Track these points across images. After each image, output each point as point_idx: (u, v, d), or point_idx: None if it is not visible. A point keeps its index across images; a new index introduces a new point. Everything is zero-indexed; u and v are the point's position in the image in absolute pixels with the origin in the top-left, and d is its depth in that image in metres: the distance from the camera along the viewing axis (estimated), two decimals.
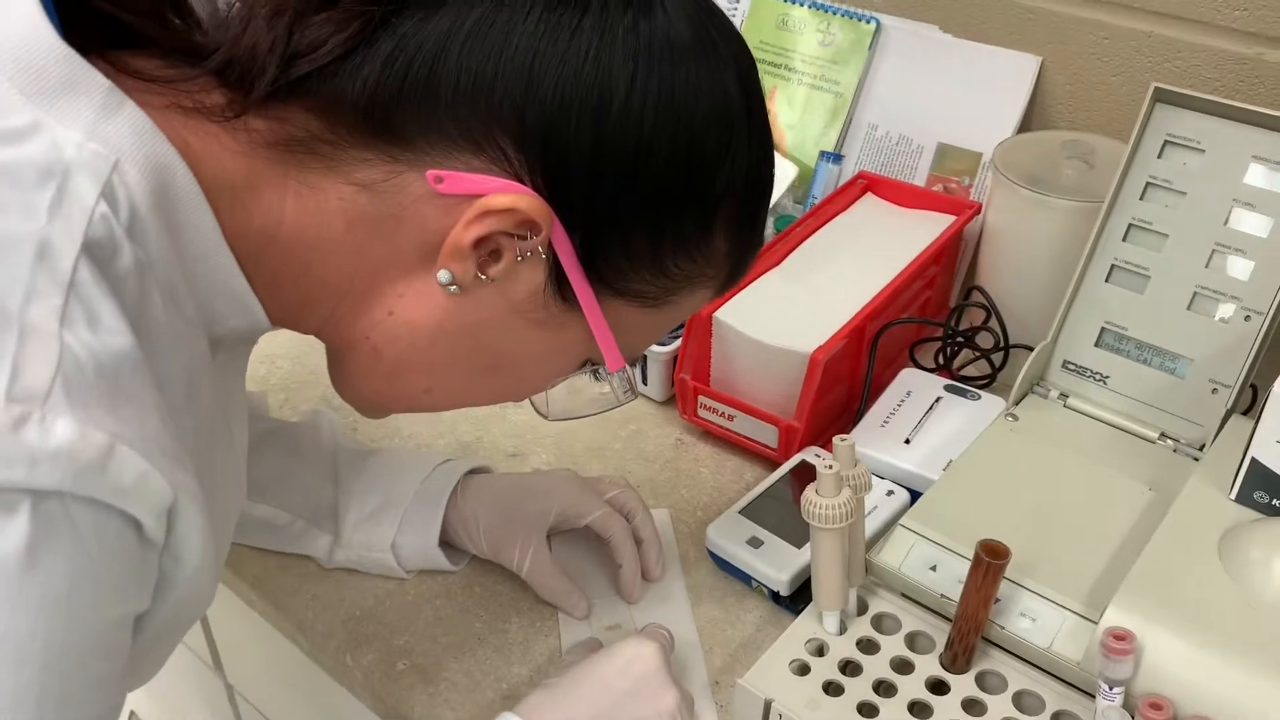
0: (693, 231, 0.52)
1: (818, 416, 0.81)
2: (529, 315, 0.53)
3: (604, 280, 0.52)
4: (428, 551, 0.73)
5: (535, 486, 0.75)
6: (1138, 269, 0.76)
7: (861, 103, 1.04)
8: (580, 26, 0.47)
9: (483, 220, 0.48)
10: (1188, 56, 0.87)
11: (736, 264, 0.56)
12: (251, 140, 0.48)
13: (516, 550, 0.72)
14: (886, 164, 1.03)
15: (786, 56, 1.08)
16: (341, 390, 0.59)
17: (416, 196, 0.49)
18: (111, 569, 0.42)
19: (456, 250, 0.49)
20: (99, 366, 0.40)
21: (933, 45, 1.00)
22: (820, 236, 0.93)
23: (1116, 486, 0.71)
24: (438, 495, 0.74)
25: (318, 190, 0.49)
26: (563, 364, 0.57)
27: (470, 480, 0.75)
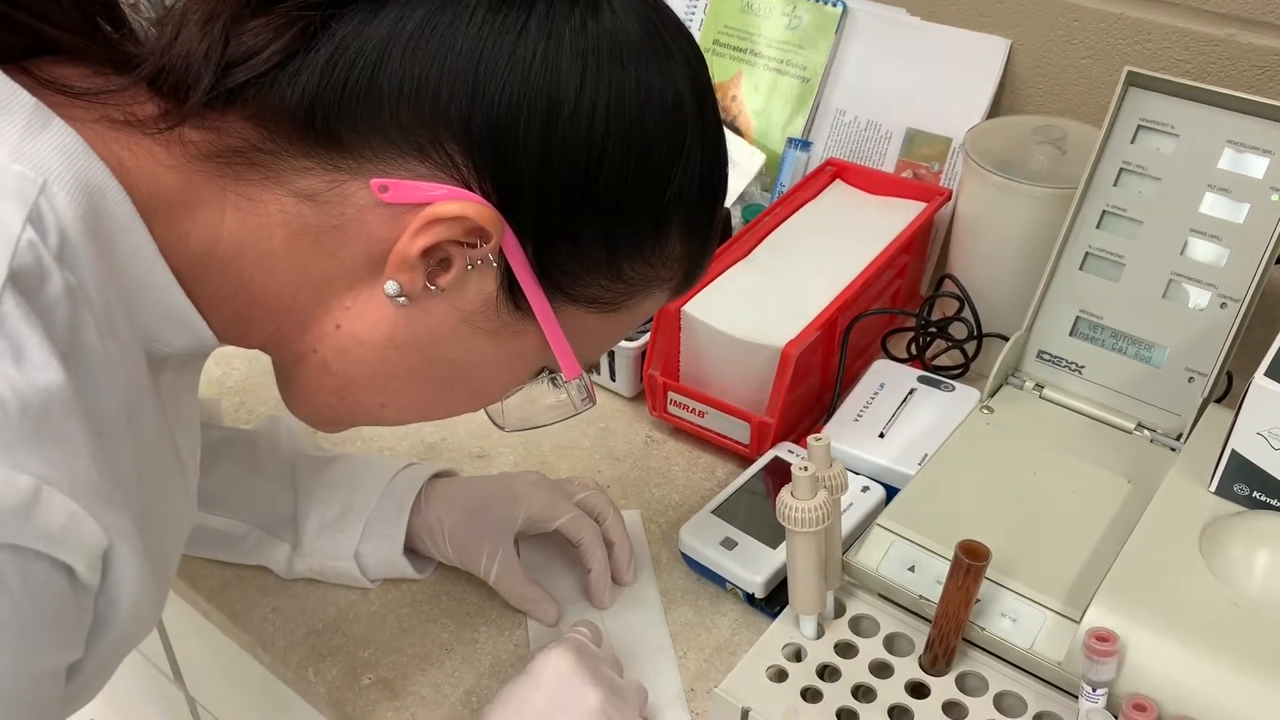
0: (648, 235, 0.51)
1: (790, 411, 0.79)
2: (481, 325, 0.51)
3: (558, 287, 0.50)
4: (392, 560, 0.71)
5: (502, 490, 0.73)
6: (1112, 256, 0.75)
7: (829, 87, 1.03)
8: (526, 28, 0.45)
9: (430, 229, 0.46)
10: (1159, 38, 0.85)
11: (693, 265, 0.55)
12: (187, 153, 0.45)
13: (484, 557, 0.70)
14: (855, 150, 1.02)
15: (752, 41, 1.06)
16: (293, 407, 0.56)
17: (361, 206, 0.46)
18: (41, 619, 0.39)
19: (404, 261, 0.47)
20: (24, 405, 0.37)
21: (900, 28, 0.98)
22: (789, 226, 0.91)
23: (1094, 479, 0.69)
24: (401, 501, 0.71)
25: (258, 203, 0.46)
26: (518, 373, 0.55)
27: (435, 485, 0.73)
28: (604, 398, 0.89)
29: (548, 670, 0.60)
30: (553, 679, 0.60)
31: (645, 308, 0.55)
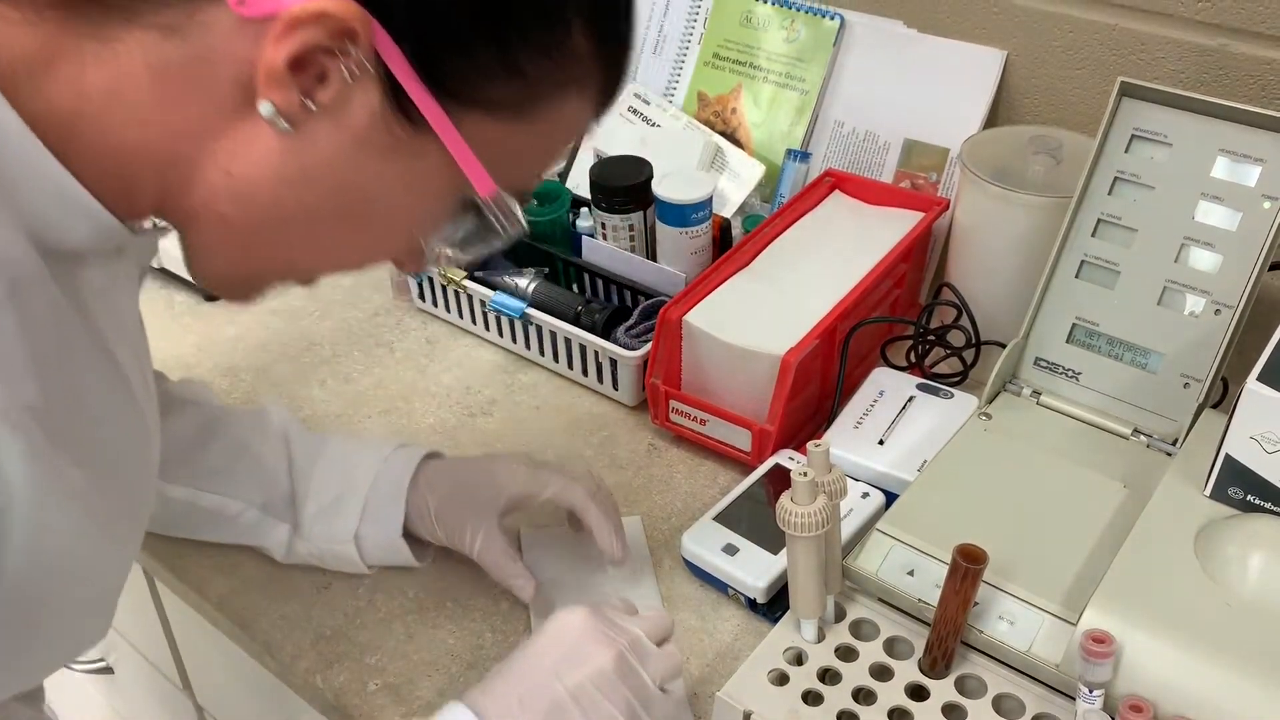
0: (536, 23, 0.47)
1: (790, 419, 0.80)
2: (375, 145, 0.47)
3: (449, 91, 0.46)
4: (392, 543, 0.71)
5: (489, 468, 0.73)
6: (1107, 264, 0.76)
7: (827, 99, 1.04)
8: None
9: (292, 34, 0.43)
10: (1153, 49, 0.86)
11: (607, 66, 0.50)
12: (35, 5, 0.43)
13: (468, 533, 0.70)
14: (854, 161, 1.03)
15: (751, 54, 1.07)
16: (200, 273, 0.53)
17: (224, 32, 0.44)
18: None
19: (272, 75, 0.44)
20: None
21: (898, 41, 1.00)
22: (789, 236, 0.92)
23: (1091, 484, 0.70)
24: (398, 483, 0.71)
25: (117, 46, 0.44)
26: (431, 200, 0.51)
27: (426, 465, 0.73)
28: (606, 406, 0.90)
29: (566, 628, 0.59)
30: (570, 636, 0.59)
31: (562, 116, 0.50)
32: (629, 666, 0.58)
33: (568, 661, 0.58)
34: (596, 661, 0.58)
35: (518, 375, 0.94)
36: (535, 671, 0.58)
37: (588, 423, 0.88)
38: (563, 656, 0.58)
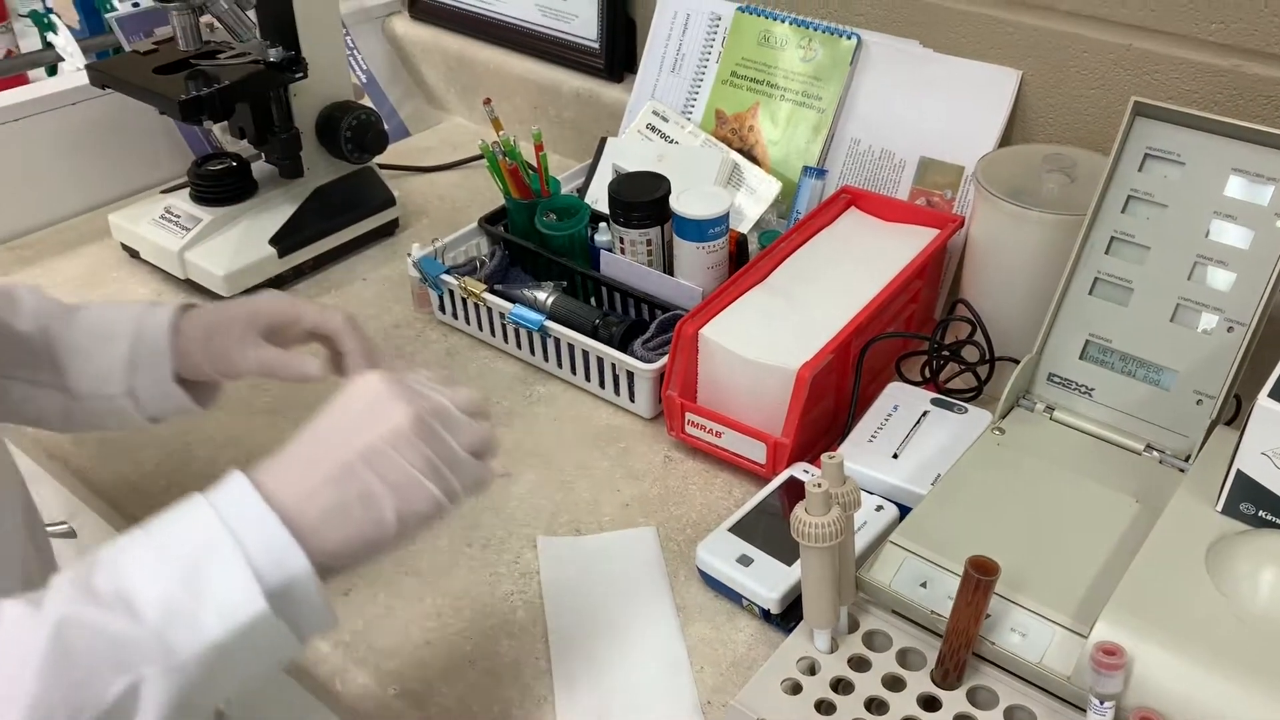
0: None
1: (805, 432, 0.81)
2: None
3: None
4: (164, 389, 0.72)
5: (247, 302, 0.74)
6: (1121, 281, 0.77)
7: (844, 118, 1.05)
8: None
9: None
10: (1167, 69, 0.87)
11: None
12: None
13: (236, 354, 0.71)
14: (870, 178, 1.04)
15: (769, 73, 1.08)
16: None
17: None
18: None
19: None
20: None
21: (913, 60, 1.01)
22: (805, 252, 0.93)
23: (1103, 499, 0.71)
24: (159, 329, 0.72)
25: None
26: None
27: (186, 313, 0.74)
28: (623, 418, 0.91)
29: (362, 388, 0.57)
30: (367, 397, 0.57)
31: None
32: (429, 428, 0.56)
33: (361, 423, 0.56)
34: (392, 421, 0.56)
35: (535, 387, 0.95)
36: (325, 436, 0.56)
37: (605, 434, 0.89)
38: (355, 419, 0.56)
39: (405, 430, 0.56)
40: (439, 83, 1.41)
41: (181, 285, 1.06)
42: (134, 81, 1.00)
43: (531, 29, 1.29)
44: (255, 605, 0.52)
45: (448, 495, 0.57)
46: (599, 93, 1.24)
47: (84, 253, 1.13)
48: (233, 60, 1.03)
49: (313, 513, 0.54)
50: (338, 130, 1.08)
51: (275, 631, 0.53)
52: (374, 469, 0.55)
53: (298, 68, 1.02)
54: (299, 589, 0.53)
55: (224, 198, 1.06)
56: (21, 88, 1.23)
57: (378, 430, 0.55)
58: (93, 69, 1.03)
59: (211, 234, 1.04)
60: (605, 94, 1.23)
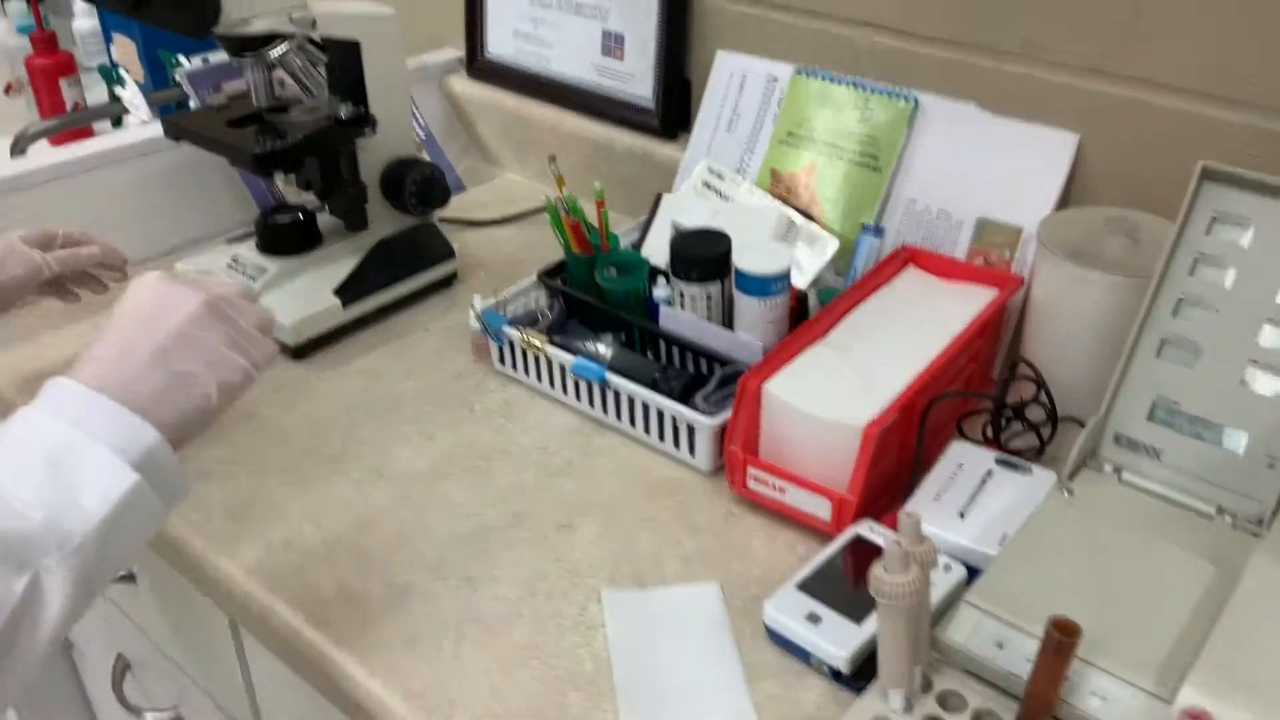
0: None
1: (870, 489, 0.81)
2: None
3: None
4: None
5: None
6: (1188, 343, 0.77)
7: (900, 178, 1.06)
8: None
9: None
10: (1228, 133, 0.88)
11: None
12: None
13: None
14: (927, 237, 1.05)
15: (825, 133, 1.10)
16: None
17: None
18: None
19: None
20: None
21: (971, 122, 1.02)
22: (865, 308, 0.94)
23: (1178, 562, 0.70)
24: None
25: None
26: None
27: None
28: (683, 471, 0.91)
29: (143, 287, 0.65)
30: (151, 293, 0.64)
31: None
32: (219, 309, 0.65)
33: (158, 315, 0.63)
34: (186, 308, 0.64)
35: (594, 438, 0.95)
36: (127, 332, 0.63)
37: (664, 487, 0.89)
38: (151, 313, 0.64)
39: (202, 314, 0.64)
40: (494, 139, 1.44)
41: None
42: (209, 134, 1.03)
43: (588, 88, 1.32)
44: (128, 479, 0.60)
45: (253, 366, 0.66)
46: (653, 150, 1.26)
47: None
48: (304, 116, 1.05)
49: (144, 394, 0.62)
50: (403, 185, 1.10)
51: (148, 500, 0.61)
52: (186, 350, 0.63)
53: (367, 124, 1.05)
54: (157, 457, 0.61)
55: (290, 248, 1.08)
56: (89, 140, 1.27)
57: (176, 319, 0.64)
58: (168, 122, 1.06)
59: (277, 284, 1.06)
60: (659, 152, 1.26)
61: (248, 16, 0.95)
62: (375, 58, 1.07)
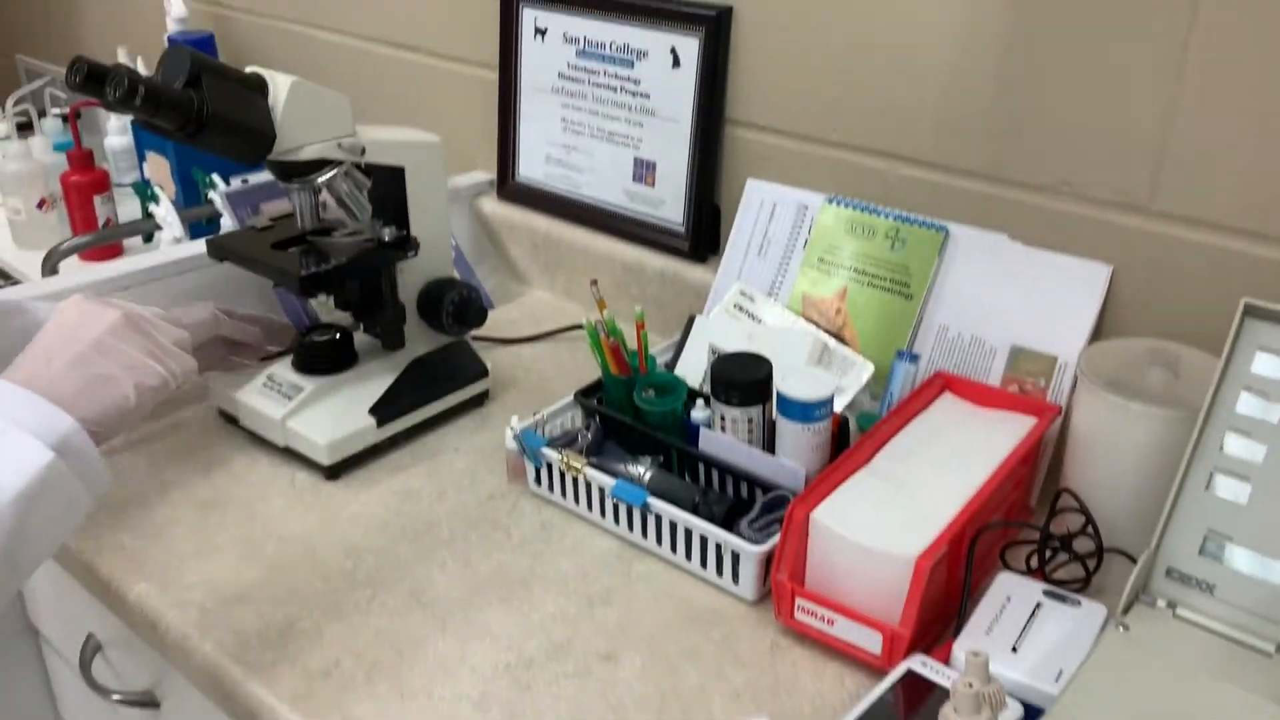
0: None
1: (921, 622, 0.80)
2: None
3: None
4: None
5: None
6: (1239, 476, 0.77)
7: (932, 304, 1.08)
8: None
9: None
10: (1266, 269, 0.90)
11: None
12: None
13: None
14: (960, 364, 1.06)
15: (857, 260, 1.12)
16: None
17: None
18: None
19: None
20: None
21: (1002, 252, 1.04)
22: (905, 435, 0.94)
23: (1241, 703, 0.69)
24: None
25: None
26: None
27: None
28: (725, 600, 0.90)
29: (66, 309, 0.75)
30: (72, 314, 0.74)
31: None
32: (137, 323, 0.76)
33: (80, 328, 0.74)
34: (105, 321, 0.74)
35: (633, 564, 0.94)
36: (51, 343, 0.73)
37: (708, 616, 0.88)
38: (73, 327, 0.74)
39: (120, 327, 0.75)
40: (523, 258, 1.46)
41: (279, 452, 1.07)
42: (253, 256, 1.04)
43: (619, 211, 1.35)
44: (43, 456, 0.67)
45: (170, 375, 0.77)
46: (683, 272, 1.28)
47: (179, 416, 1.15)
48: (346, 238, 1.07)
49: (64, 390, 0.71)
50: (440, 305, 1.11)
51: (66, 482, 0.69)
52: (106, 356, 0.73)
53: (409, 247, 1.07)
54: (75, 443, 0.70)
55: (326, 368, 1.08)
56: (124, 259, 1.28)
57: (97, 330, 0.74)
58: (212, 243, 1.07)
59: (313, 402, 1.06)
60: (689, 274, 1.28)
61: (300, 144, 0.97)
62: (418, 182, 1.09)
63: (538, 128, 1.41)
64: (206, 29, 1.79)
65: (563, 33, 1.34)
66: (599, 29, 1.31)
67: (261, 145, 0.94)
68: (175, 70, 0.90)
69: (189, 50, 0.91)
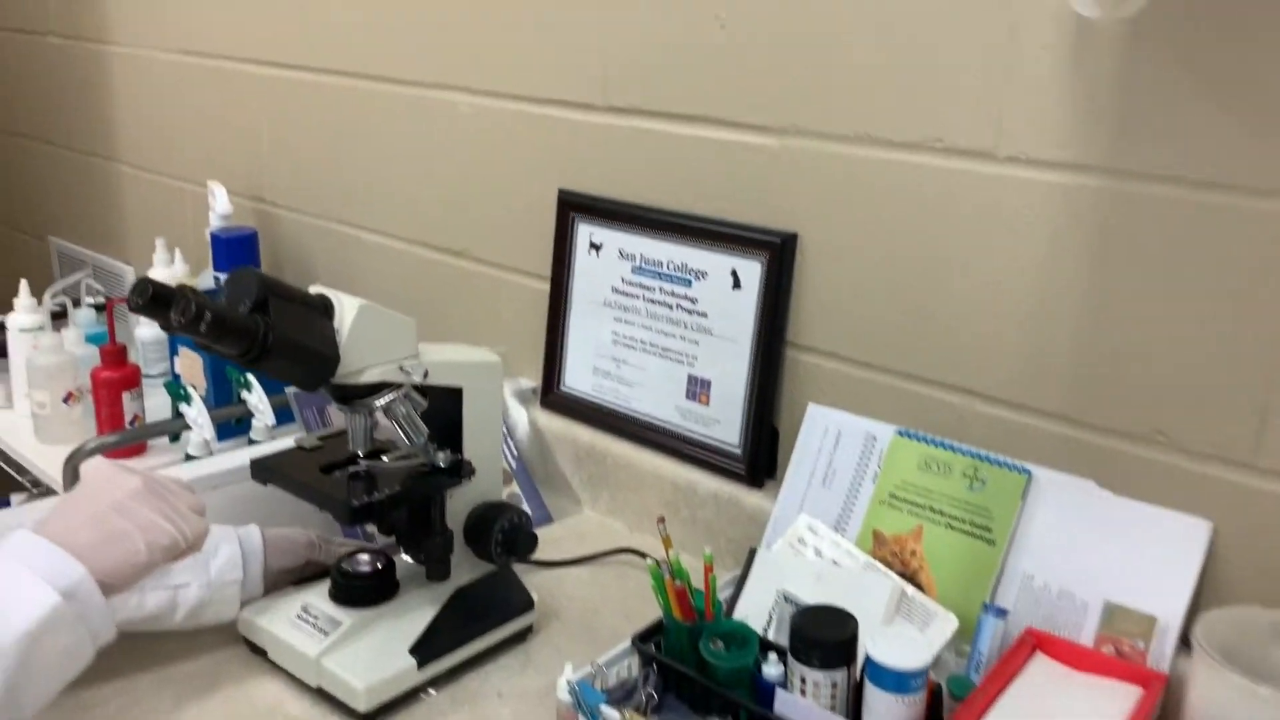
0: None
1: None
2: None
3: None
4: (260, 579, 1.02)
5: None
6: None
7: (1016, 551, 1.02)
8: None
9: None
10: None
11: None
12: None
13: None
14: (1048, 618, 0.99)
15: (931, 498, 1.06)
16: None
17: None
18: None
19: None
20: None
21: (1091, 500, 0.99)
22: (1002, 707, 0.86)
23: None
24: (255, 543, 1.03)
25: None
26: None
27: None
28: None
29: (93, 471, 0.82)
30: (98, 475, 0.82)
31: None
32: (155, 488, 0.82)
33: (102, 489, 0.81)
34: (126, 485, 0.81)
35: None
36: (76, 502, 0.81)
37: None
38: (96, 489, 0.81)
39: (140, 490, 0.82)
40: (566, 471, 1.40)
41: (307, 692, 0.98)
42: (301, 481, 0.99)
43: (669, 428, 1.30)
44: (50, 599, 0.74)
45: (182, 536, 0.83)
46: (739, 497, 1.22)
47: (201, 646, 1.06)
48: (398, 461, 1.02)
49: (81, 542, 0.77)
50: (489, 532, 1.05)
51: (71, 625, 0.76)
52: (123, 515, 0.80)
53: (464, 473, 1.01)
54: (83, 590, 0.77)
55: (365, 600, 1.01)
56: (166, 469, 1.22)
57: (117, 493, 0.81)
58: (257, 465, 1.02)
59: (351, 639, 0.98)
60: (745, 499, 1.22)
61: (362, 367, 0.93)
62: (475, 403, 1.05)
63: (586, 339, 1.39)
64: (249, 225, 1.79)
65: (618, 249, 1.33)
66: (656, 247, 1.29)
67: (324, 371, 0.90)
68: (242, 293, 0.86)
69: (257, 272, 0.88)
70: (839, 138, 1.11)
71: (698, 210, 1.25)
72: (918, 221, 1.07)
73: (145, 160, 2.12)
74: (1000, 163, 1.01)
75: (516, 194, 1.45)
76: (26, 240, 2.61)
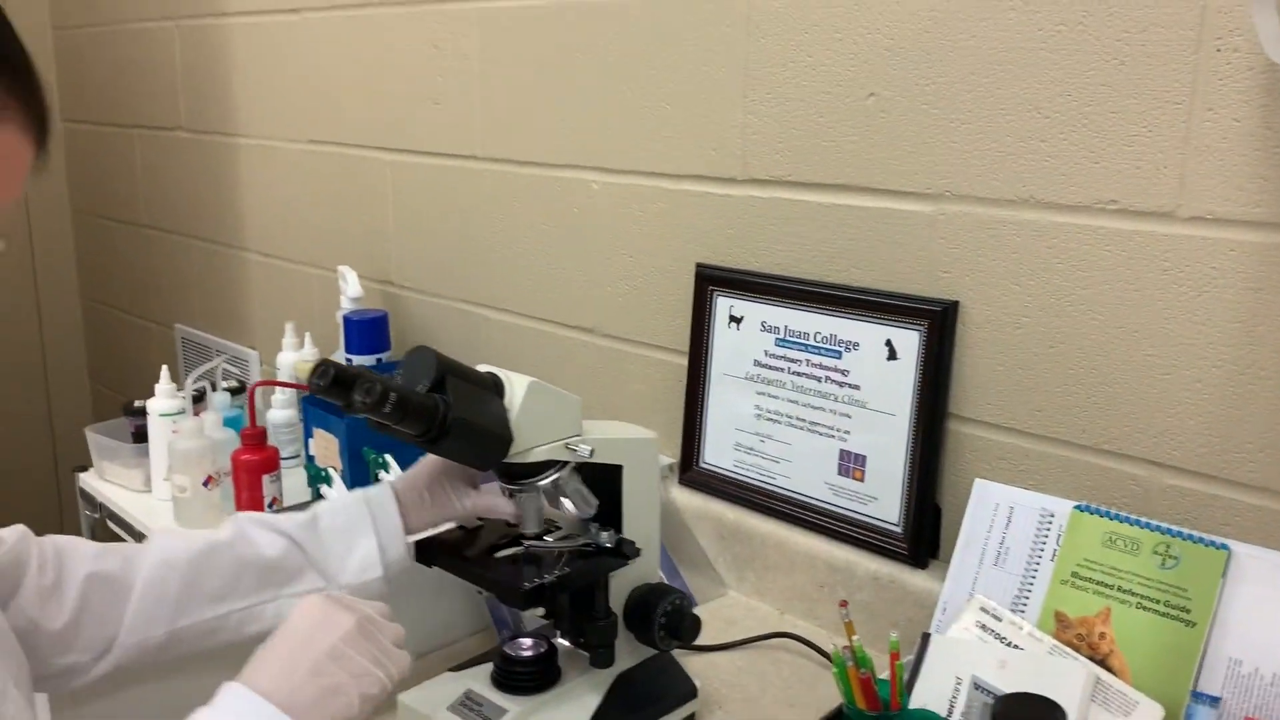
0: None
1: None
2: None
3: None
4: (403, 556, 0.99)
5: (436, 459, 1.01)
6: None
7: (1218, 633, 0.95)
8: None
9: None
10: None
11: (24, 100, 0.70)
12: None
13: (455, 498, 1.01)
14: (1261, 705, 0.91)
15: (1119, 577, 1.00)
16: None
17: None
18: None
19: None
20: None
21: None
22: None
23: None
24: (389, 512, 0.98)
25: None
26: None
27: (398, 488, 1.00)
28: None
29: (306, 610, 0.79)
30: (312, 615, 0.79)
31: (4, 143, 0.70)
32: (368, 629, 0.79)
33: (318, 631, 0.78)
34: (342, 627, 0.78)
35: None
36: (293, 644, 0.77)
37: None
38: (313, 629, 0.78)
39: (354, 633, 0.79)
40: (709, 550, 1.37)
41: None
42: (469, 563, 0.97)
43: (820, 506, 1.26)
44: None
45: (389, 679, 0.80)
46: (901, 578, 1.17)
47: None
48: (562, 542, 0.99)
49: (301, 702, 0.75)
50: (651, 615, 1.01)
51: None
52: (339, 665, 0.77)
53: (630, 553, 0.98)
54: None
55: (529, 687, 0.98)
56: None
57: (333, 636, 0.78)
58: (421, 546, 1.00)
59: None
60: (909, 580, 1.16)
61: (532, 445, 0.91)
62: (634, 481, 1.02)
63: (727, 414, 1.36)
64: (379, 308, 1.81)
65: (760, 321, 1.31)
66: (801, 319, 1.27)
67: (499, 450, 0.88)
68: (420, 373, 0.86)
69: (434, 352, 0.87)
70: (999, 201, 1.08)
71: (846, 280, 1.22)
72: (1090, 285, 1.03)
73: (272, 247, 2.17)
74: (1183, 223, 0.96)
75: (650, 269, 1.44)
76: (150, 327, 2.69)
